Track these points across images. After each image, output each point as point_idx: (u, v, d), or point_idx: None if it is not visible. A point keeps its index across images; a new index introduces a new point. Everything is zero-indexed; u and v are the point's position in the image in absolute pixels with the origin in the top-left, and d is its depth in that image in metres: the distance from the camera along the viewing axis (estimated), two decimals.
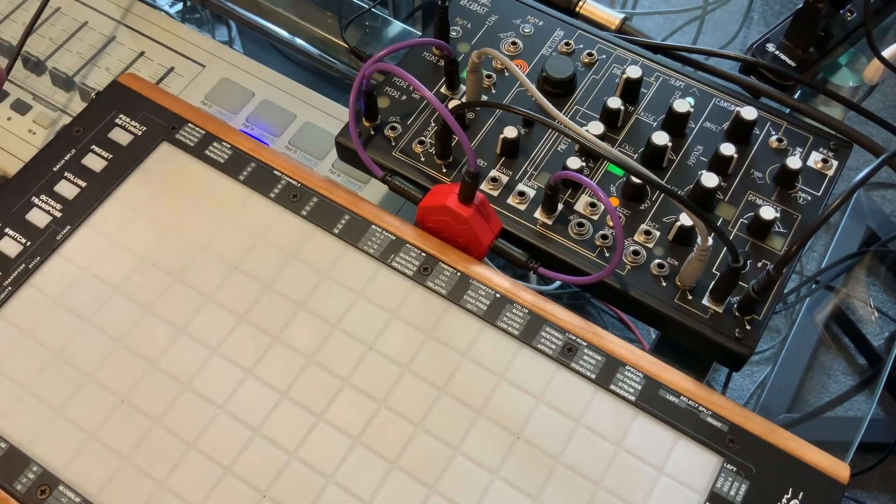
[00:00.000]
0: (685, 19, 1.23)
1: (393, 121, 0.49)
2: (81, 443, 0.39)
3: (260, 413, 0.40)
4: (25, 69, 0.58)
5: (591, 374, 0.41)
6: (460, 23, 0.53)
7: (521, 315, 0.42)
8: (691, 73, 0.51)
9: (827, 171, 0.47)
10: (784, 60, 0.54)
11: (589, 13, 0.57)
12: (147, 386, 0.41)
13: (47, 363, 0.41)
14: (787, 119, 0.49)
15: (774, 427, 0.40)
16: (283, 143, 0.54)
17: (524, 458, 0.39)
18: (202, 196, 0.46)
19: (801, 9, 0.53)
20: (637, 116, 0.49)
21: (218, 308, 0.43)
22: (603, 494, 0.38)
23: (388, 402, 0.40)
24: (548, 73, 0.49)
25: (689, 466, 0.38)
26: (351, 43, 0.61)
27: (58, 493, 0.38)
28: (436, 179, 0.47)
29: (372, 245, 0.44)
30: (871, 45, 0.52)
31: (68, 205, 0.46)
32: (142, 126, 0.48)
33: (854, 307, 1.20)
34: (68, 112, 0.57)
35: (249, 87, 0.57)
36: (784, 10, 1.51)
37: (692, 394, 0.40)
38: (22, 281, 0.43)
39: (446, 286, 0.43)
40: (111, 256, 0.44)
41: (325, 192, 0.46)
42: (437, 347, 0.41)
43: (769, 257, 0.44)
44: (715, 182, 0.44)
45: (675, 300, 0.43)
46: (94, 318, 0.42)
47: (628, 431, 0.39)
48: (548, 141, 0.48)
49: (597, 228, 0.45)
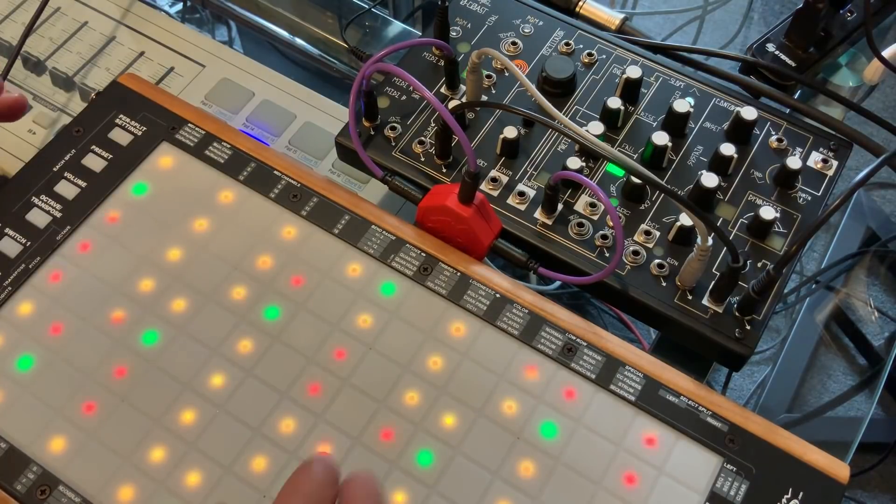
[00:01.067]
0: (685, 19, 1.23)
1: (393, 121, 0.49)
2: (81, 443, 0.39)
3: (260, 413, 0.40)
4: (25, 69, 0.58)
5: (591, 374, 0.41)
6: (460, 23, 0.53)
7: (521, 315, 0.42)
8: (691, 73, 0.51)
9: (827, 171, 0.47)
10: (784, 60, 0.54)
11: (589, 13, 0.57)
12: (147, 386, 0.41)
13: (47, 363, 0.41)
14: (787, 119, 0.49)
15: (774, 427, 0.40)
16: (283, 143, 0.54)
17: (524, 458, 0.39)
18: (202, 196, 0.46)
19: (801, 9, 0.53)
20: (637, 116, 0.49)
21: (218, 308, 0.43)
22: (603, 494, 0.38)
23: (387, 402, 0.40)
24: (548, 73, 0.49)
25: (689, 466, 0.38)
26: (351, 43, 0.61)
27: (58, 493, 0.38)
28: (436, 179, 0.47)
29: (372, 245, 0.44)
30: (871, 45, 0.52)
31: (68, 205, 0.46)
32: (142, 126, 0.48)
33: (854, 307, 1.20)
34: (68, 112, 0.57)
35: (249, 87, 0.57)
36: (784, 10, 1.51)
37: (692, 394, 0.40)
38: (22, 281, 0.43)
39: (446, 286, 0.43)
40: (111, 256, 0.44)
41: (325, 192, 0.46)
42: (437, 347, 0.41)
43: (769, 257, 0.44)
44: (715, 182, 0.44)
45: (675, 300, 0.43)
46: (94, 318, 0.42)
47: (628, 431, 0.39)
48: (548, 141, 0.48)
49: (597, 228, 0.45)
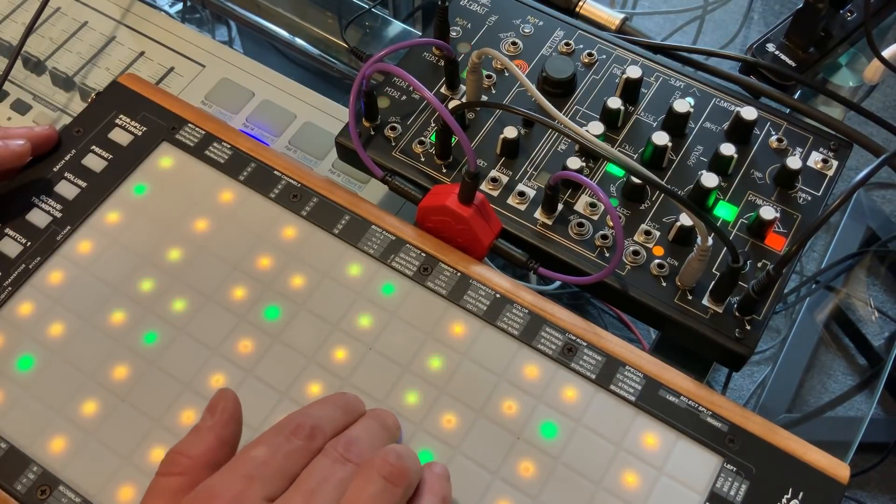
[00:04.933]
0: (685, 19, 1.24)
1: (393, 121, 0.49)
2: (81, 443, 0.39)
3: (260, 413, 0.40)
4: (25, 69, 0.58)
5: (591, 374, 0.41)
6: (460, 23, 0.53)
7: (521, 315, 0.42)
8: (691, 73, 0.51)
9: (827, 171, 0.47)
10: (784, 60, 0.54)
11: (589, 13, 0.57)
12: (147, 386, 0.41)
13: (47, 363, 0.41)
14: (787, 119, 0.49)
15: (774, 427, 0.40)
16: (283, 143, 0.54)
17: (524, 458, 0.39)
18: (202, 196, 0.46)
19: (801, 9, 0.53)
20: (637, 116, 0.49)
21: (218, 308, 0.43)
22: (603, 494, 0.38)
23: (387, 402, 0.40)
24: (548, 73, 0.49)
25: (689, 466, 0.38)
26: (351, 43, 0.61)
27: (58, 493, 0.38)
28: (436, 179, 0.47)
29: (372, 245, 0.44)
30: (871, 45, 0.52)
31: (68, 205, 0.46)
32: (142, 126, 0.48)
33: (854, 307, 1.20)
34: (68, 112, 0.57)
35: (249, 87, 0.57)
36: (784, 10, 1.51)
37: (692, 394, 0.40)
38: (22, 281, 0.43)
39: (446, 286, 0.43)
40: (111, 256, 0.44)
41: (325, 192, 0.46)
42: (437, 347, 0.41)
43: (769, 257, 0.44)
44: (715, 182, 0.44)
45: (675, 300, 0.43)
46: (94, 318, 0.42)
47: (628, 431, 0.39)
48: (548, 141, 0.48)
49: (597, 228, 0.45)
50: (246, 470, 0.33)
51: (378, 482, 0.32)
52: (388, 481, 0.32)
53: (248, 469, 0.33)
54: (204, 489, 0.32)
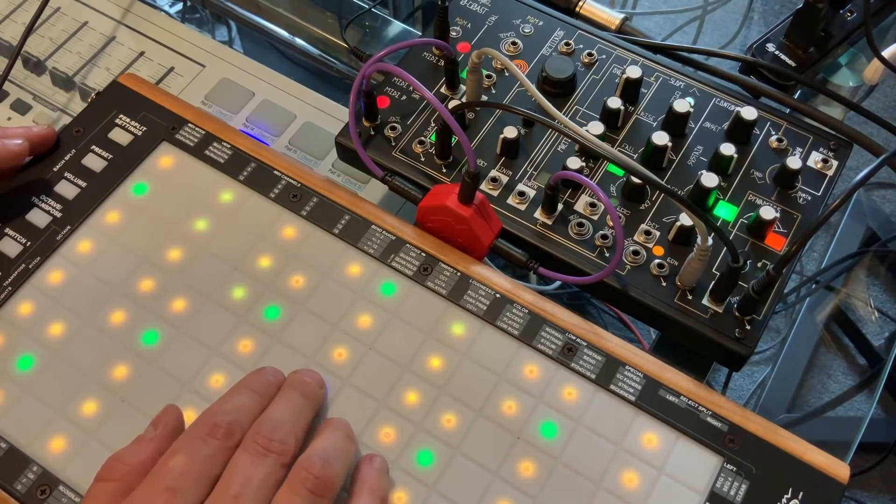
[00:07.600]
0: (685, 19, 1.24)
1: (393, 121, 0.49)
2: (81, 443, 0.39)
3: None
4: (25, 69, 0.59)
5: (591, 373, 0.41)
6: (460, 23, 0.53)
7: (521, 315, 0.42)
8: (691, 73, 0.51)
9: (827, 171, 0.47)
10: (784, 60, 0.54)
11: (589, 13, 0.57)
12: (147, 386, 0.41)
13: (47, 363, 0.41)
14: (787, 119, 0.49)
15: (774, 427, 0.40)
16: (283, 143, 0.54)
17: (524, 458, 0.39)
18: (202, 196, 0.46)
19: (801, 9, 0.53)
20: (637, 116, 0.49)
21: (218, 308, 0.43)
22: (603, 494, 0.38)
23: (387, 402, 0.40)
24: (548, 73, 0.49)
25: (689, 466, 0.38)
26: (351, 43, 0.61)
27: (58, 493, 0.38)
28: (436, 179, 0.47)
29: (372, 245, 0.44)
30: (871, 45, 0.52)
31: (68, 205, 0.46)
32: (142, 126, 0.48)
33: (854, 307, 1.20)
34: (68, 112, 0.57)
35: (249, 87, 0.57)
36: (784, 10, 1.51)
37: (692, 394, 0.40)
38: (22, 281, 0.43)
39: (446, 286, 0.43)
40: (111, 256, 0.44)
41: (325, 192, 0.46)
42: (437, 347, 0.41)
43: (769, 257, 0.44)
44: (715, 182, 0.44)
45: (675, 300, 0.43)
46: (94, 318, 0.42)
47: (628, 431, 0.39)
48: (548, 141, 0.48)
49: (597, 228, 0.45)
50: (166, 483, 0.33)
51: (303, 495, 0.33)
52: (314, 493, 0.33)
53: (168, 482, 0.33)
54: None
